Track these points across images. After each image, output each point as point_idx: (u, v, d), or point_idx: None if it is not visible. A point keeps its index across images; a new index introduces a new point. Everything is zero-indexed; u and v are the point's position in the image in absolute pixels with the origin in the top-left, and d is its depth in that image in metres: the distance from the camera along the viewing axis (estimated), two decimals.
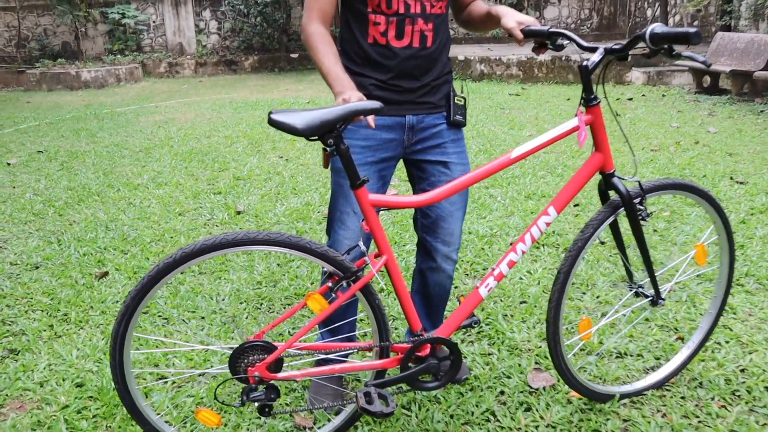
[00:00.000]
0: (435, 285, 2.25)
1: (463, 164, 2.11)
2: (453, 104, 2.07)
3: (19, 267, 3.50)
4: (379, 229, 1.83)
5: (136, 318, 1.79)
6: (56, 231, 4.05)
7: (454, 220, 2.15)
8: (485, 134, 6.36)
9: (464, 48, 12.55)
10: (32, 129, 7.85)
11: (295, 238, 1.79)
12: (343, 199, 2.06)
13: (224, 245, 1.77)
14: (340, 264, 1.83)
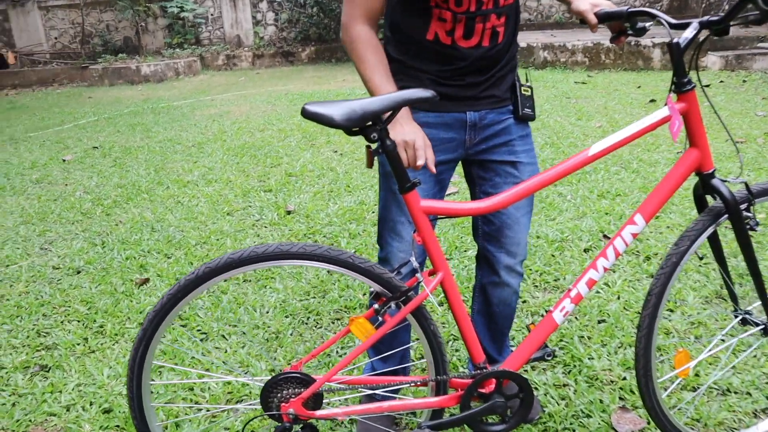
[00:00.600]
0: (499, 302, 1.96)
1: (532, 163, 1.82)
2: (520, 95, 1.78)
3: (61, 271, 3.36)
4: (433, 241, 1.55)
5: (156, 343, 1.57)
6: (102, 232, 3.91)
7: (520, 228, 1.86)
8: (551, 125, 5.96)
9: (526, 35, 12.05)
10: (91, 124, 7.86)
11: (335, 252, 1.52)
12: (396, 207, 1.79)
13: (252, 260, 1.52)
14: (388, 282, 1.55)
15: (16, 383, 2.36)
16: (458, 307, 1.62)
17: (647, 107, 6.56)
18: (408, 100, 1.45)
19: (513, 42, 1.75)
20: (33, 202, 4.68)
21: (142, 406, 1.62)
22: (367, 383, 1.67)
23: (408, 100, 1.45)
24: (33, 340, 2.67)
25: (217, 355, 2.44)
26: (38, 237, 3.91)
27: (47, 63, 14.07)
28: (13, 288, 3.19)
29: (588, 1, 1.72)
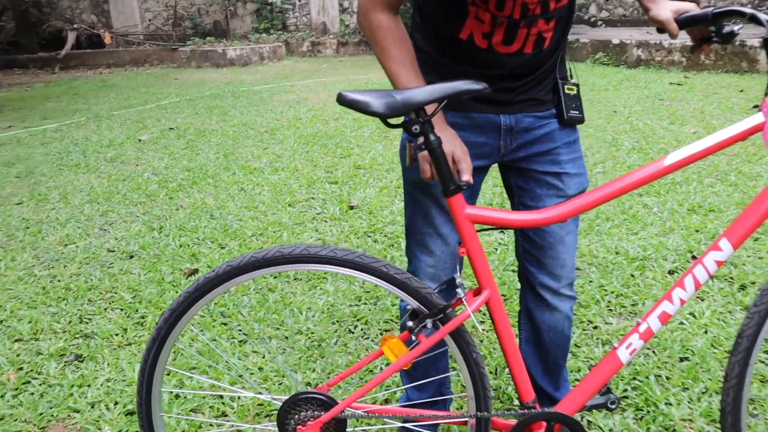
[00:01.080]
0: (548, 329, 1.71)
1: (579, 174, 1.58)
2: (564, 96, 1.52)
3: (115, 255, 3.30)
4: (479, 255, 1.34)
5: (170, 346, 1.42)
6: (161, 216, 3.85)
7: (565, 248, 1.61)
8: (640, 129, 5.53)
9: (620, 31, 11.44)
10: (172, 105, 7.95)
11: (368, 259, 1.33)
12: (423, 218, 1.58)
13: (277, 261, 1.36)
14: (425, 298, 1.35)
15: (48, 372, 2.28)
16: (505, 333, 1.39)
17: (750, 114, 6.01)
18: (457, 92, 1.23)
19: (561, 45, 1.51)
20: (103, 180, 4.70)
21: (151, 415, 1.47)
22: (394, 414, 1.48)
23: (457, 92, 1.23)
24: (74, 326, 2.60)
25: (254, 360, 2.29)
26: (100, 217, 3.89)
27: (140, 44, 14.48)
28: (66, 269, 3.16)
29: (669, 7, 1.48)
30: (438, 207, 1.55)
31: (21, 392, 2.18)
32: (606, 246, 3.07)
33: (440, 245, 1.57)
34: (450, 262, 1.59)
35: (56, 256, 3.31)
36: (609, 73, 8.67)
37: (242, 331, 2.48)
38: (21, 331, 2.56)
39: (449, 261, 1.59)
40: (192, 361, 2.30)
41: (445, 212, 1.55)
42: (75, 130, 6.68)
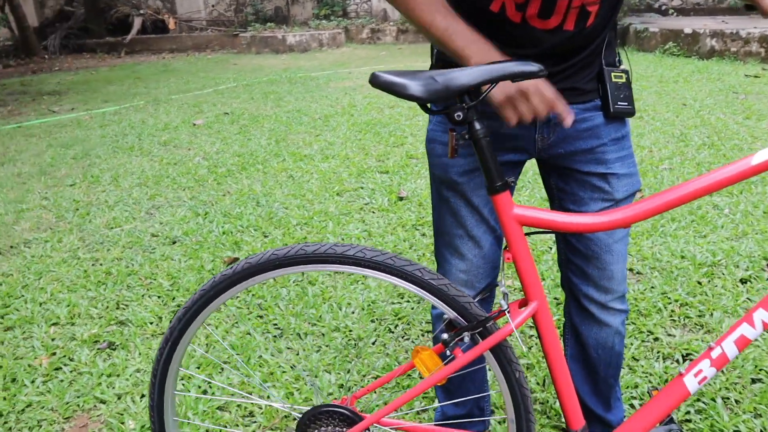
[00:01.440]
0: (596, 346, 1.53)
1: (629, 175, 1.39)
2: (610, 85, 1.32)
3: (158, 239, 3.26)
4: (527, 262, 1.18)
5: (183, 348, 1.32)
6: (208, 201, 3.79)
7: (613, 258, 1.42)
8: (712, 123, 5.19)
9: (692, 20, 10.89)
10: (229, 90, 7.96)
11: (401, 261, 1.20)
12: (452, 219, 1.42)
13: (299, 260, 1.23)
14: (463, 308, 1.20)
15: (80, 359, 2.23)
16: (553, 352, 1.24)
17: None
18: (508, 74, 1.08)
19: (608, 25, 1.30)
20: (154, 164, 4.69)
21: (163, 419, 1.37)
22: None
23: (508, 74, 1.08)
24: (110, 312, 2.55)
25: (288, 357, 2.18)
26: (148, 201, 3.87)
27: (203, 30, 14.65)
28: (109, 252, 3.13)
29: None
30: (469, 207, 1.39)
31: (51, 378, 2.14)
32: (671, 249, 2.84)
33: (472, 248, 1.42)
34: (484, 266, 1.43)
35: (101, 239, 3.29)
36: (679, 64, 8.24)
37: (278, 326, 2.38)
38: (59, 315, 2.53)
39: (483, 266, 1.43)
40: (224, 354, 2.21)
41: (477, 212, 1.39)
42: (133, 114, 6.75)
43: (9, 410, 1.98)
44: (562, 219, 1.15)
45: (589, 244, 1.41)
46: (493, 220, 1.40)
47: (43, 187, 4.29)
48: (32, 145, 5.64)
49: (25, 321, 2.51)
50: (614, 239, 1.41)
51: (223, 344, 2.26)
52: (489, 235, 1.41)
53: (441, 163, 1.37)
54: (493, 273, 1.46)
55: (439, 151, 1.38)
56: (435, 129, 1.39)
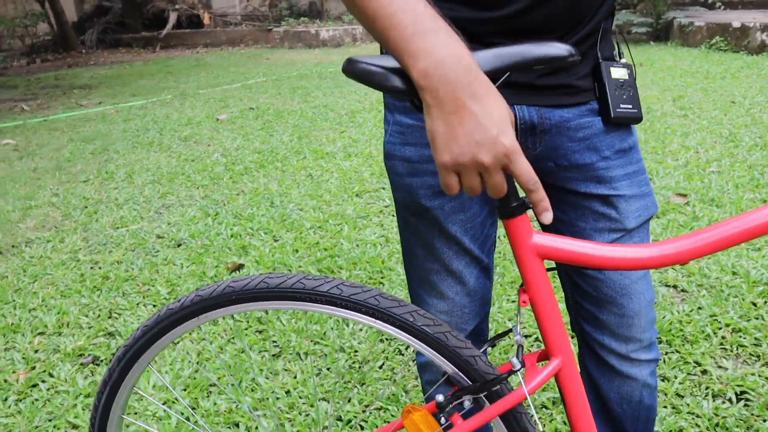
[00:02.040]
0: (620, 401, 1.22)
1: (640, 196, 1.08)
2: (609, 82, 1.02)
3: (162, 242, 3.07)
4: (549, 306, 0.93)
5: (125, 394, 1.09)
6: (220, 201, 3.60)
7: (633, 302, 1.12)
8: (764, 122, 4.81)
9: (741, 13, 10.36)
10: (257, 85, 7.79)
11: (388, 302, 0.94)
12: (424, 252, 1.13)
13: (260, 296, 0.98)
14: (467, 363, 0.94)
15: (59, 375, 2.04)
16: (582, 421, 0.97)
17: None
18: (527, 60, 0.82)
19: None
20: (171, 160, 4.53)
21: None
22: None
23: (527, 60, 0.82)
24: (101, 321, 2.36)
25: (284, 380, 1.96)
26: (159, 199, 3.69)
27: (237, 24, 14.56)
28: (110, 255, 2.95)
29: None
30: (444, 237, 1.09)
31: (25, 397, 1.95)
32: (721, 264, 2.53)
33: (452, 285, 1.13)
34: (470, 305, 1.16)
35: (104, 240, 3.12)
36: (726, 60, 7.78)
37: (277, 343, 2.16)
38: (46, 324, 2.35)
39: (468, 304, 1.15)
40: (215, 375, 2.00)
41: (455, 244, 1.10)
42: (159, 108, 6.62)
43: None
44: (600, 252, 0.88)
45: (599, 285, 1.12)
46: (479, 248, 1.12)
47: (56, 183, 4.15)
48: (54, 139, 5.54)
49: (10, 329, 2.34)
50: (632, 279, 1.11)
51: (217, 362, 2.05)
52: (473, 267, 1.13)
53: (403, 185, 1.08)
54: (483, 310, 1.19)
55: (400, 168, 1.07)
56: (393, 141, 1.08)
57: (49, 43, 14.02)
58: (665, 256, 0.86)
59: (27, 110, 7.22)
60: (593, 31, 1.00)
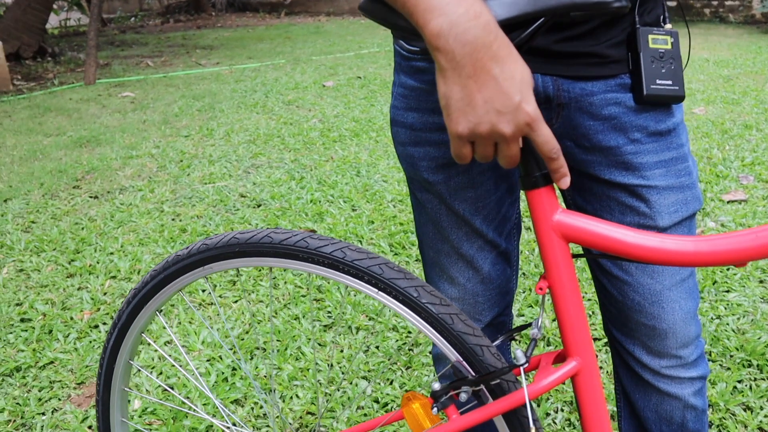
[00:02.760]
0: (658, 421, 1.04)
1: (678, 189, 0.91)
2: (645, 53, 0.86)
3: (244, 201, 3.09)
4: (569, 297, 0.81)
5: (132, 339, 1.09)
6: (308, 166, 3.58)
7: (666, 311, 0.95)
8: None
9: None
10: (371, 55, 7.76)
11: (393, 273, 0.85)
12: (434, 231, 1.01)
13: (262, 251, 0.92)
14: (472, 352, 0.83)
15: None
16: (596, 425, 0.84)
17: None
18: (568, 5, 0.69)
19: None
20: (270, 122, 4.57)
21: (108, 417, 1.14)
22: None
23: (568, 5, 0.69)
24: None
25: (330, 353, 1.90)
26: (250, 159, 3.73)
27: None
28: (192, 209, 3.00)
29: None
30: (451, 215, 0.97)
31: (85, 336, 2.01)
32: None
33: (464, 270, 1.01)
34: (485, 293, 1.02)
35: (190, 194, 3.18)
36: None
37: (330, 314, 2.10)
38: (119, 268, 2.42)
39: (483, 293, 1.02)
40: (262, 338, 1.97)
41: (465, 224, 0.97)
42: (270, 71, 6.74)
43: (31, 365, 1.87)
44: (633, 239, 0.74)
45: (626, 289, 0.95)
46: (494, 230, 0.98)
47: (160, 136, 4.30)
48: (168, 94, 5.76)
49: (87, 270, 2.43)
50: (664, 285, 0.93)
51: (267, 326, 2.03)
52: (488, 251, 1.00)
53: (406, 155, 0.97)
54: (502, 301, 1.05)
55: (402, 136, 0.96)
56: (397, 105, 0.96)
57: (183, 5, 14.66)
58: (715, 254, 0.70)
59: (151, 66, 7.57)
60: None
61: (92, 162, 3.76)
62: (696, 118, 4.24)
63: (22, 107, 5.52)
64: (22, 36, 7.82)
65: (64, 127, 4.68)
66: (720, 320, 2.03)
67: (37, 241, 2.70)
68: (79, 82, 6.51)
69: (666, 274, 0.94)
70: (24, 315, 2.14)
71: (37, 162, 3.83)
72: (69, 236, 2.73)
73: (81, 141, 4.25)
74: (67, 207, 3.09)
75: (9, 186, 3.42)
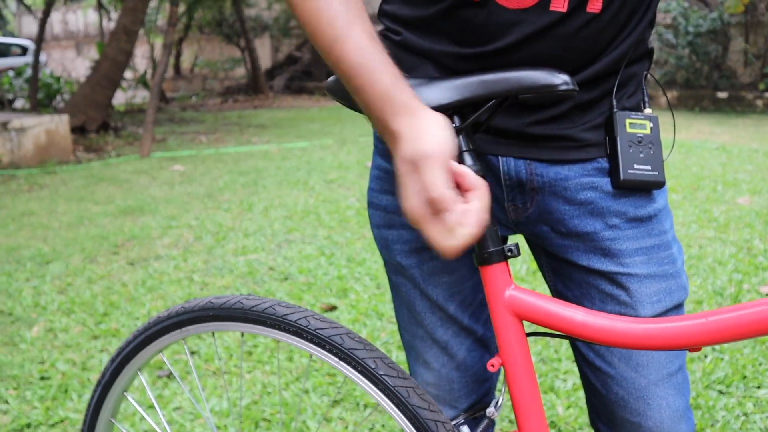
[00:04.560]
0: None
1: (660, 277, 0.88)
2: (623, 137, 0.85)
3: (273, 274, 3.14)
4: (522, 375, 0.82)
5: (114, 398, 1.10)
6: (339, 243, 3.63)
7: (652, 408, 0.91)
8: None
9: None
10: None
11: (353, 343, 0.87)
12: (408, 314, 1.01)
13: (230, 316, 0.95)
14: (425, 429, 0.82)
15: None
16: None
17: None
18: (518, 88, 0.73)
19: (634, 19, 0.83)
20: (309, 199, 4.69)
21: None
22: None
23: (518, 88, 0.73)
24: (190, 339, 2.44)
25: (335, 429, 1.87)
26: (284, 234, 3.81)
27: None
28: (223, 279, 3.07)
29: None
30: (426, 299, 0.97)
31: None
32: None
33: (438, 355, 0.99)
34: (460, 380, 1.00)
35: (221, 265, 3.26)
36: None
37: (340, 390, 2.09)
38: None
39: (459, 379, 1.00)
40: (269, 410, 1.96)
41: (438, 309, 0.97)
42: (317, 151, 6.95)
43: (41, 422, 1.91)
44: (583, 318, 0.74)
45: (608, 382, 0.92)
46: (468, 317, 0.98)
47: (201, 208, 4.45)
48: (216, 169, 5.98)
49: (111, 333, 2.49)
50: (649, 379, 0.89)
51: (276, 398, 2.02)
52: (464, 338, 0.98)
53: (381, 238, 0.98)
54: (480, 388, 1.03)
55: (377, 219, 0.98)
56: (374, 188, 0.99)
57: (242, 86, 15.38)
58: (664, 337, 0.70)
59: (204, 142, 7.91)
60: (608, 73, 0.85)
61: (134, 230, 3.90)
62: (740, 208, 4.16)
63: (78, 176, 5.81)
64: (88, 111, 8.30)
65: (113, 196, 4.90)
66: (747, 417, 1.93)
67: (69, 302, 2.79)
68: (135, 155, 6.83)
69: (651, 368, 0.90)
70: (44, 373, 2.20)
71: (82, 228, 4.00)
72: (100, 300, 2.81)
73: (127, 210, 4.43)
74: (104, 272, 3.20)
75: (53, 249, 3.57)
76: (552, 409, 1.95)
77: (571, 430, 1.86)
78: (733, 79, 11.16)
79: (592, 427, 1.02)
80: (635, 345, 0.71)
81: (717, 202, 4.31)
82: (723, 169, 5.43)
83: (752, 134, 7.60)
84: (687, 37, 10.92)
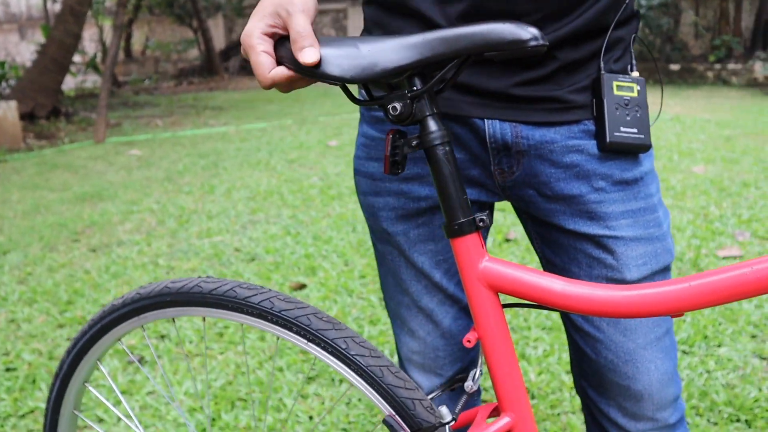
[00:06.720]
0: None
1: (646, 240, 0.89)
2: (609, 99, 0.85)
3: (239, 255, 3.11)
4: (499, 347, 0.80)
5: (75, 389, 1.05)
6: (304, 222, 3.61)
7: (640, 371, 0.92)
8: None
9: None
10: None
11: (322, 323, 0.85)
12: (393, 281, 1.01)
13: (189, 301, 0.92)
14: (403, 406, 0.82)
15: None
16: None
17: None
18: (483, 44, 0.71)
19: None
20: (272, 180, 4.64)
21: None
22: None
23: (483, 44, 0.71)
24: (158, 323, 2.40)
25: (311, 405, 1.88)
26: (248, 215, 3.77)
27: None
28: (186, 263, 3.03)
29: None
30: (410, 267, 0.97)
31: None
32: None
33: (424, 323, 1.00)
34: (445, 348, 1.02)
35: (186, 248, 3.21)
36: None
37: (314, 367, 2.09)
38: None
39: (444, 347, 1.01)
40: (245, 389, 1.96)
41: (424, 277, 0.97)
42: (277, 131, 6.87)
43: (11, 414, 1.86)
44: (559, 287, 0.74)
45: (598, 346, 0.93)
46: (454, 285, 0.98)
47: (162, 192, 4.37)
48: (174, 152, 5.87)
49: (77, 321, 2.44)
50: (638, 343, 0.91)
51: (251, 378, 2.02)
52: (449, 306, 0.99)
53: (367, 206, 0.98)
54: (465, 356, 1.04)
55: (363, 186, 0.98)
56: (360, 155, 0.98)
57: (197, 68, 15.07)
58: (645, 303, 0.70)
59: (160, 126, 7.75)
60: (591, 32, 0.84)
61: (93, 217, 3.82)
62: (695, 176, 4.27)
63: (31, 164, 5.64)
64: (37, 96, 8.05)
65: (69, 183, 4.77)
66: (709, 374, 2.00)
67: (31, 292, 2.72)
68: (89, 141, 6.66)
69: (640, 332, 0.91)
70: (10, 364, 2.14)
71: (39, 216, 3.90)
72: (63, 288, 2.75)
73: (84, 196, 4.32)
74: (65, 260, 3.12)
75: (9, 239, 3.47)
76: (525, 375, 1.99)
77: (544, 395, 1.90)
78: (685, 51, 11.39)
79: (577, 394, 1.04)
80: (616, 313, 0.72)
81: (674, 171, 4.42)
82: (678, 139, 5.56)
83: (704, 105, 7.78)
84: (640, 10, 11.06)
